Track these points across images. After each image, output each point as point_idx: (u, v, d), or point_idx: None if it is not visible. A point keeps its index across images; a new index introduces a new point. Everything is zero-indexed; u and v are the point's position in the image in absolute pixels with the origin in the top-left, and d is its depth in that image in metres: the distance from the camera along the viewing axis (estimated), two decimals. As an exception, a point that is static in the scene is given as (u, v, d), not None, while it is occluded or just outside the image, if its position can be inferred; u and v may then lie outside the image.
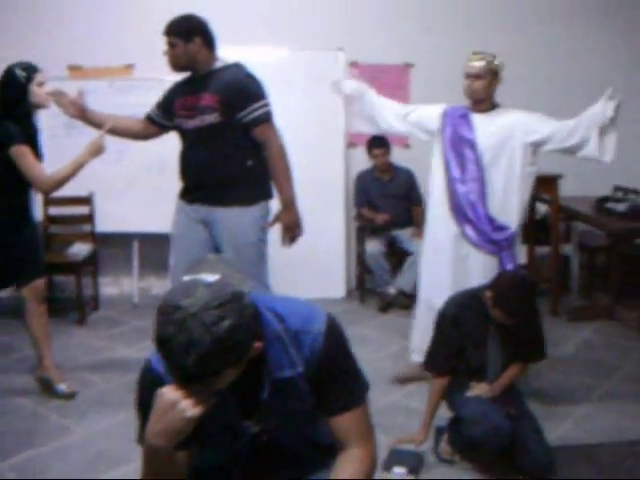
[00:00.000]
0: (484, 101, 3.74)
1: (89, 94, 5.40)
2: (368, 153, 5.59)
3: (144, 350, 4.49)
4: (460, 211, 3.73)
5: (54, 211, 5.40)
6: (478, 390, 3.06)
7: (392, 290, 5.40)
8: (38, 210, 4.49)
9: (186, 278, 1.49)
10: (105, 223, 5.41)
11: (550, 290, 5.32)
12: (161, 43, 3.48)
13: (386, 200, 5.59)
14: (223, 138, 3.39)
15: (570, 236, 5.74)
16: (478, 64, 3.67)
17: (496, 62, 3.72)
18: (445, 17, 5.88)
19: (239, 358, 1.48)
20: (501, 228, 3.75)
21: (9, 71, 3.55)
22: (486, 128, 3.72)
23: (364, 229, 5.67)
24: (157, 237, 4.99)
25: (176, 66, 3.48)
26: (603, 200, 5.10)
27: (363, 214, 5.66)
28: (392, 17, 5.81)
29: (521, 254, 5.68)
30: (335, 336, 1.70)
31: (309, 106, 5.67)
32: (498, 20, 5.94)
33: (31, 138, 3.57)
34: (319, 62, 5.62)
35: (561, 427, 3.49)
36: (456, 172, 3.75)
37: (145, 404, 1.60)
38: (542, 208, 5.59)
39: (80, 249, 5.23)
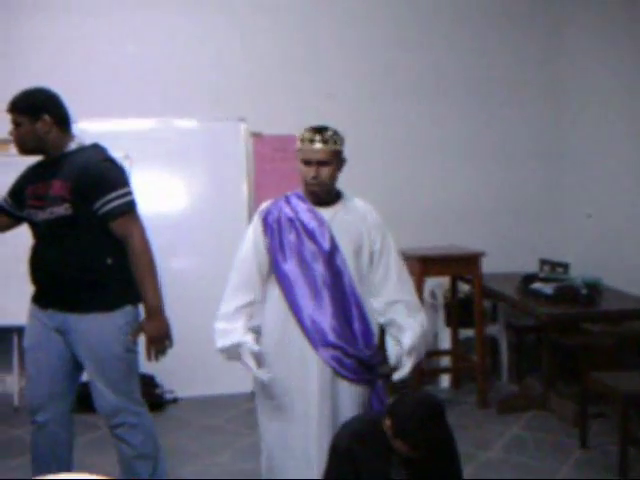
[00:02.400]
0: (330, 191, 2.89)
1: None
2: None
3: (12, 471, 3.90)
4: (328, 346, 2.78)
5: None
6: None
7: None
8: None
9: None
10: (-22, 316, 4.79)
11: (477, 378, 4.86)
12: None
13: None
14: (76, 233, 2.86)
15: (496, 315, 5.33)
16: (323, 147, 2.78)
17: (342, 143, 2.84)
18: (348, 84, 5.60)
19: None
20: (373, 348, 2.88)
21: None
22: (342, 227, 2.84)
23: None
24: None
25: (23, 148, 2.96)
26: (529, 279, 4.70)
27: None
28: (294, 85, 5.49)
29: (445, 337, 5.29)
30: None
31: (210, 179, 5.24)
32: (407, 84, 5.65)
33: None
34: (220, 134, 5.23)
35: None
36: (307, 298, 2.79)
37: None
38: (464, 287, 5.17)
39: (-55, 349, 4.59)
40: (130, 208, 2.88)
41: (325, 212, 2.86)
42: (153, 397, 4.72)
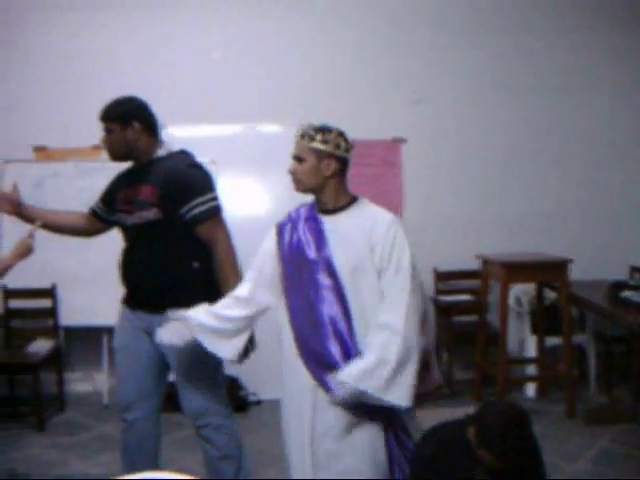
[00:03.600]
0: (321, 195, 2.63)
1: (54, 176, 5.16)
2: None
3: (100, 466, 4.02)
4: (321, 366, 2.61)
5: (14, 304, 4.98)
6: None
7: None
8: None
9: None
10: (71, 316, 5.02)
11: (565, 387, 4.73)
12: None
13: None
14: (164, 237, 2.93)
15: (584, 324, 5.18)
16: (298, 142, 2.60)
17: (328, 142, 2.58)
18: (437, 87, 5.55)
19: None
20: None
21: None
22: (341, 240, 2.58)
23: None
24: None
25: (115, 155, 3.06)
26: (618, 286, 4.54)
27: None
28: (380, 89, 5.50)
29: (531, 345, 5.17)
30: None
31: (288, 185, 5.23)
32: (493, 88, 5.56)
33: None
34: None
35: None
36: (302, 313, 2.61)
37: None
38: (551, 294, 5.04)
39: (40, 347, 4.80)
40: (215, 213, 2.94)
41: (328, 221, 2.62)
42: (237, 399, 4.79)
